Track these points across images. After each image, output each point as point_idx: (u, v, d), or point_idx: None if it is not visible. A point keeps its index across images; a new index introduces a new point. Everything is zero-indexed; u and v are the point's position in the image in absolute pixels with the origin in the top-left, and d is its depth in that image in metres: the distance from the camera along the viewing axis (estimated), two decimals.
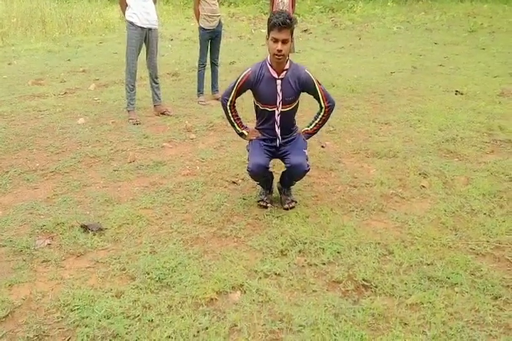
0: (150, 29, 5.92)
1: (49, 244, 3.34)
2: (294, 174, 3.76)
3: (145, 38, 5.93)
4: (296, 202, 3.93)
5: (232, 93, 3.76)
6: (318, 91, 3.68)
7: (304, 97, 3.77)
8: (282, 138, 3.79)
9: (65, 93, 7.25)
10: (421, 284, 2.87)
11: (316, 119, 3.85)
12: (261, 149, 3.75)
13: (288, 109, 3.69)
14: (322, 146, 5.24)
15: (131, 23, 5.80)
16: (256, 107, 3.82)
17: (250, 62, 9.43)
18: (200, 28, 6.77)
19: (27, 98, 6.96)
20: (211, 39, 6.85)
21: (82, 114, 6.27)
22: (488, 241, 3.33)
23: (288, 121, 3.79)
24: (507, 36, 12.54)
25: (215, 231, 3.53)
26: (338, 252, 3.21)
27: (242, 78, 3.66)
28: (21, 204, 3.90)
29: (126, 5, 5.83)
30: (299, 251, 3.24)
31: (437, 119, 5.92)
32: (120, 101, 6.67)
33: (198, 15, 6.75)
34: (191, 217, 3.73)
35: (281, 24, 3.34)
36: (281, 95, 3.60)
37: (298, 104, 3.79)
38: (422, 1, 20.51)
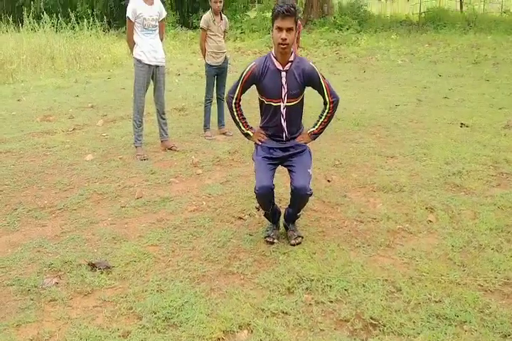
0: (157, 66, 6.03)
1: (57, 283, 3.34)
2: (297, 197, 3.76)
3: (152, 74, 6.05)
4: (302, 237, 3.92)
5: (238, 89, 3.77)
6: (323, 85, 3.68)
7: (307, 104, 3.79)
8: (289, 134, 3.77)
9: (74, 129, 7.34)
10: (429, 322, 2.85)
11: (320, 118, 3.85)
12: (266, 167, 3.73)
13: (293, 103, 3.67)
14: (328, 180, 5.26)
15: (139, 61, 5.91)
16: (261, 103, 3.80)
17: (256, 95, 9.52)
18: (207, 64, 6.89)
19: (36, 135, 7.05)
20: (217, 75, 6.96)
21: (90, 150, 6.34)
22: (496, 278, 3.31)
23: (294, 117, 3.76)
24: (511, 67, 12.61)
25: (221, 269, 3.52)
26: (345, 289, 3.19)
27: (247, 72, 3.67)
28: (29, 242, 3.92)
29: (134, 43, 5.96)
30: (306, 289, 3.23)
31: (443, 152, 5.94)
32: (128, 137, 6.74)
33: (204, 52, 6.88)
34: (198, 254, 3.74)
35: (285, 12, 3.37)
36: (286, 88, 3.59)
37: (303, 99, 3.77)
38: (426, 33, 20.76)
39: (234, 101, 3.83)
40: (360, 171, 5.52)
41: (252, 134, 3.88)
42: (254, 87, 3.78)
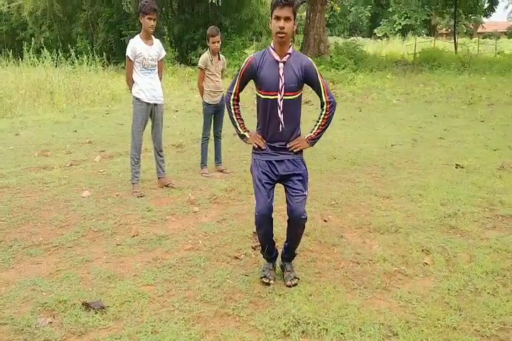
0: (156, 104, 6.12)
1: (50, 323, 3.31)
2: (292, 221, 3.79)
3: (151, 112, 6.12)
4: (298, 278, 3.91)
5: (236, 83, 3.77)
6: (321, 83, 3.68)
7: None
8: (287, 134, 3.71)
9: (71, 165, 7.36)
10: None
11: (318, 121, 3.81)
12: (264, 187, 3.70)
13: (291, 97, 3.61)
14: (324, 220, 5.27)
15: (138, 99, 5.99)
16: (257, 100, 3.74)
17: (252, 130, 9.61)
18: (204, 102, 6.98)
19: (33, 170, 7.07)
20: (214, 113, 7.04)
21: (87, 186, 6.34)
22: (492, 323, 3.29)
23: (291, 113, 3.68)
24: (505, 109, 12.81)
25: (217, 310, 3.50)
26: (341, 333, 3.17)
27: (245, 64, 3.68)
28: (24, 280, 3.89)
29: (133, 81, 6.04)
30: (302, 332, 3.20)
31: (438, 194, 5.98)
32: (125, 173, 6.76)
33: (202, 90, 6.98)
34: (193, 295, 3.71)
35: (284, 1, 3.41)
36: (283, 79, 3.56)
37: (301, 98, 3.73)
38: (421, 73, 21.11)
39: (232, 97, 3.83)
40: (357, 211, 5.53)
41: (248, 136, 3.83)
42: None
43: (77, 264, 4.21)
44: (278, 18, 3.47)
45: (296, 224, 3.81)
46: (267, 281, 3.88)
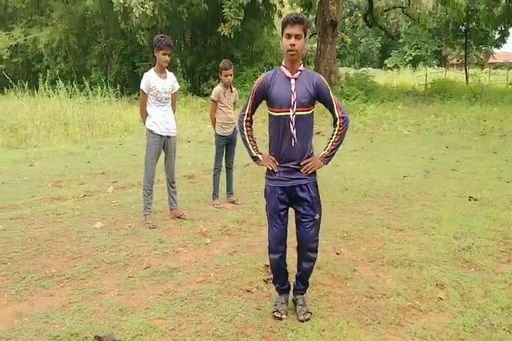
0: (169, 136, 6.18)
1: None
2: (304, 248, 3.86)
3: (164, 144, 6.18)
4: (311, 313, 3.88)
5: (249, 104, 3.82)
6: (332, 99, 3.72)
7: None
8: (299, 151, 3.71)
9: (84, 195, 7.41)
10: None
11: (331, 138, 3.80)
12: (278, 216, 3.77)
13: (303, 113, 3.64)
14: (337, 253, 5.25)
15: (151, 131, 6.07)
16: (270, 119, 3.75)
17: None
18: (216, 134, 7.05)
19: (47, 200, 7.12)
20: (226, 145, 7.10)
21: (99, 217, 6.38)
22: None
23: (304, 129, 3.68)
24: None
25: None
26: None
27: (257, 83, 3.74)
28: (37, 313, 3.90)
29: (147, 114, 6.13)
30: None
31: (452, 226, 5.94)
32: (137, 205, 6.79)
33: (214, 122, 7.05)
34: (205, 329, 3.69)
35: (294, 19, 3.50)
36: (295, 95, 3.59)
37: (313, 115, 3.74)
38: (432, 104, 21.16)
39: (245, 118, 3.86)
40: (369, 244, 5.50)
41: (261, 158, 3.83)
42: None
43: (89, 296, 4.21)
44: (289, 35, 3.55)
45: (307, 250, 3.84)
46: (279, 316, 3.85)
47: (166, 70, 6.18)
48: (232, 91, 7.04)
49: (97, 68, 27.36)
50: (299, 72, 3.66)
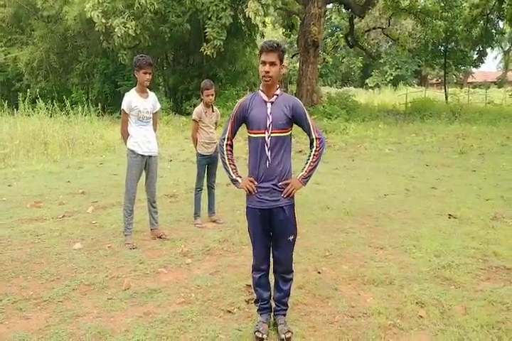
0: (150, 156, 6.17)
1: None
2: (279, 267, 3.95)
3: (145, 164, 6.16)
4: (292, 332, 3.85)
5: (228, 128, 3.90)
6: (309, 120, 3.81)
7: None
8: (276, 173, 3.76)
9: (63, 216, 7.32)
10: None
11: (308, 159, 3.86)
12: (258, 239, 3.90)
13: (279, 134, 3.72)
14: (318, 272, 5.23)
15: (133, 151, 6.05)
16: (249, 141, 3.84)
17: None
18: (198, 154, 7.05)
19: (25, 221, 7.02)
20: (208, 164, 7.09)
21: (78, 238, 6.30)
22: None
23: (279, 149, 3.75)
24: (496, 158, 12.93)
25: None
26: None
27: (236, 107, 3.86)
28: (13, 336, 3.82)
29: (128, 134, 6.11)
30: None
31: (432, 244, 5.96)
32: (117, 225, 6.73)
33: (195, 142, 7.06)
34: None
35: (268, 47, 3.64)
36: (271, 118, 3.69)
37: (290, 137, 3.82)
38: (412, 122, 21.41)
39: (225, 142, 3.93)
40: (351, 263, 5.50)
41: (240, 181, 3.87)
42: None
43: (67, 319, 4.14)
44: (264, 62, 3.68)
45: (283, 272, 3.96)
46: (260, 336, 3.82)
47: (148, 90, 6.19)
48: (213, 111, 7.06)
49: (78, 87, 27.38)
50: (275, 96, 3.77)
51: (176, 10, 21.17)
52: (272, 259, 3.98)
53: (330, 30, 46.80)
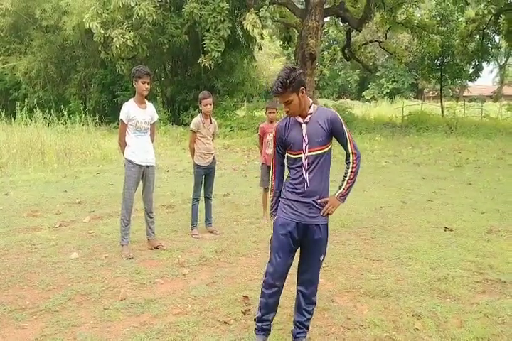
0: (148, 166, 6.19)
1: None
2: (306, 290, 3.86)
3: (142, 174, 6.18)
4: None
5: (277, 154, 3.83)
6: (346, 134, 3.70)
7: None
8: (317, 203, 3.70)
9: (60, 225, 7.32)
10: None
11: (346, 176, 3.78)
12: (282, 251, 3.70)
13: (316, 152, 3.63)
14: None
15: (130, 161, 6.07)
16: (287, 161, 3.79)
17: (244, 193, 9.68)
18: (195, 164, 7.07)
19: (21, 231, 7.02)
20: (205, 175, 7.12)
21: (75, 247, 6.30)
22: None
23: (317, 171, 3.68)
24: (492, 171, 12.99)
25: None
26: None
27: (274, 132, 3.80)
28: None
29: (126, 144, 6.14)
30: None
31: (428, 257, 5.98)
32: (114, 235, 6.73)
33: (193, 152, 7.08)
34: None
35: (275, 93, 3.59)
36: (306, 140, 3.61)
37: (330, 153, 3.73)
38: (409, 135, 21.49)
39: (276, 195, 3.89)
40: (347, 274, 5.51)
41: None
42: None
43: (63, 329, 4.13)
44: (282, 102, 3.64)
45: (310, 294, 3.87)
46: None
47: (146, 101, 6.22)
48: (211, 122, 7.09)
49: (76, 97, 27.44)
50: (309, 116, 3.67)
51: (175, 21, 21.27)
52: (296, 280, 3.89)
53: (327, 43, 47.13)
